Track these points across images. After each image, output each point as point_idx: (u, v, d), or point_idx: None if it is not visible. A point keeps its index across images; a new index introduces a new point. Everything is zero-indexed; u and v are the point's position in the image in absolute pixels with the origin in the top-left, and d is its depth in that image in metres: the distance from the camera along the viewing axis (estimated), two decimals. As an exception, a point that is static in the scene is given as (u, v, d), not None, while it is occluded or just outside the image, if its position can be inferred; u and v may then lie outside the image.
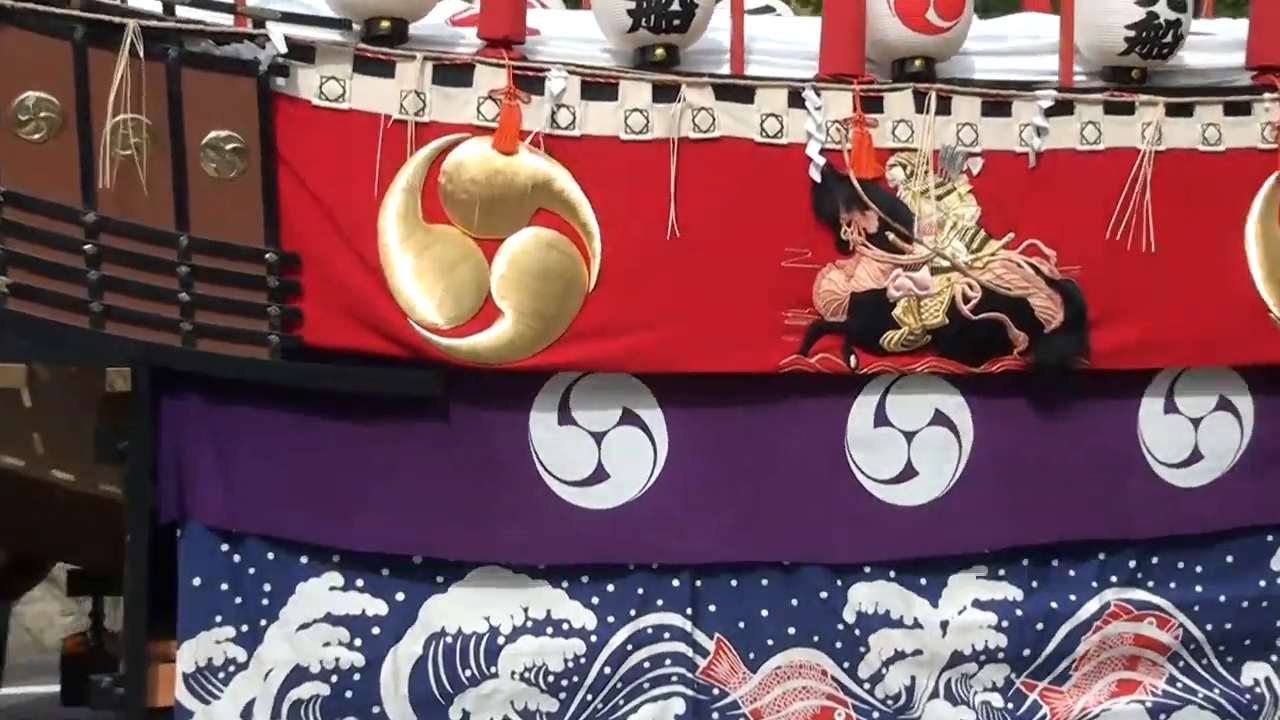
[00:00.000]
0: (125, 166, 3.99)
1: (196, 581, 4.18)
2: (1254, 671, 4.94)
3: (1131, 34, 4.58)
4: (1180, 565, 4.87)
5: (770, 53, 4.60)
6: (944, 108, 4.59)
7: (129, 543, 4.09)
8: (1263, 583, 4.93)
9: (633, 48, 4.42)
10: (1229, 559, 4.92)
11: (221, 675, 4.22)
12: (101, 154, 3.97)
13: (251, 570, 4.23)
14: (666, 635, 4.50)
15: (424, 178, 4.22)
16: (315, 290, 4.16)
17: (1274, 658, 4.97)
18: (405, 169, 4.20)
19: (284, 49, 4.05)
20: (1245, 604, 4.89)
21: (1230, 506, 4.87)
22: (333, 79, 4.16)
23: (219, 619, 4.21)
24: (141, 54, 3.94)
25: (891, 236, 4.54)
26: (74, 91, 3.97)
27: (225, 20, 4.10)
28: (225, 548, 4.22)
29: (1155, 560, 4.86)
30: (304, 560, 4.27)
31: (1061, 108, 4.68)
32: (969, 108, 4.63)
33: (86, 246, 4.00)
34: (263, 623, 4.24)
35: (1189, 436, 4.87)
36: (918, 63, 4.58)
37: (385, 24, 4.18)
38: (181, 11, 4.05)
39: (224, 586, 4.21)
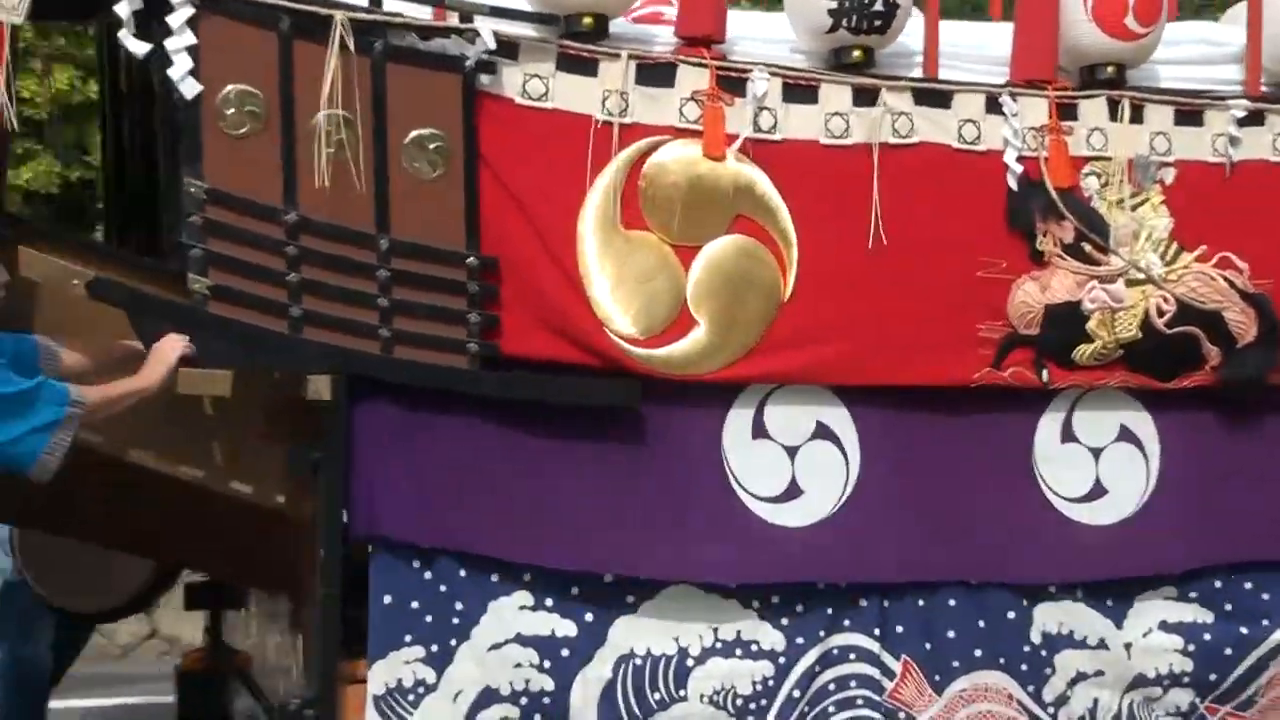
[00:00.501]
0: (327, 164, 3.81)
1: (387, 600, 4.02)
2: None
3: None
4: None
5: (958, 57, 4.47)
6: (1137, 116, 4.47)
7: (321, 559, 3.91)
8: None
9: (829, 49, 4.28)
10: None
11: (411, 697, 4.04)
12: (304, 151, 3.79)
13: (443, 588, 4.07)
14: (853, 656, 4.36)
15: (624, 181, 4.08)
16: (513, 296, 4.00)
17: None
18: (606, 172, 4.07)
19: (492, 44, 3.88)
20: None
21: None
22: (536, 76, 4.01)
23: (409, 638, 4.04)
24: (351, 47, 3.77)
25: (1087, 248, 4.41)
26: (278, 85, 3.80)
27: (429, 14, 3.91)
28: (417, 564, 4.05)
29: None
30: (495, 579, 4.11)
31: (1253, 118, 4.56)
32: (1161, 116, 4.52)
33: (288, 248, 3.83)
34: (453, 642, 4.07)
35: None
36: (1110, 69, 4.46)
37: (588, 20, 4.03)
38: (387, 4, 3.88)
39: (415, 605, 4.04)
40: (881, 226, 4.23)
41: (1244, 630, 4.62)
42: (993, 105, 4.36)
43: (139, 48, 3.76)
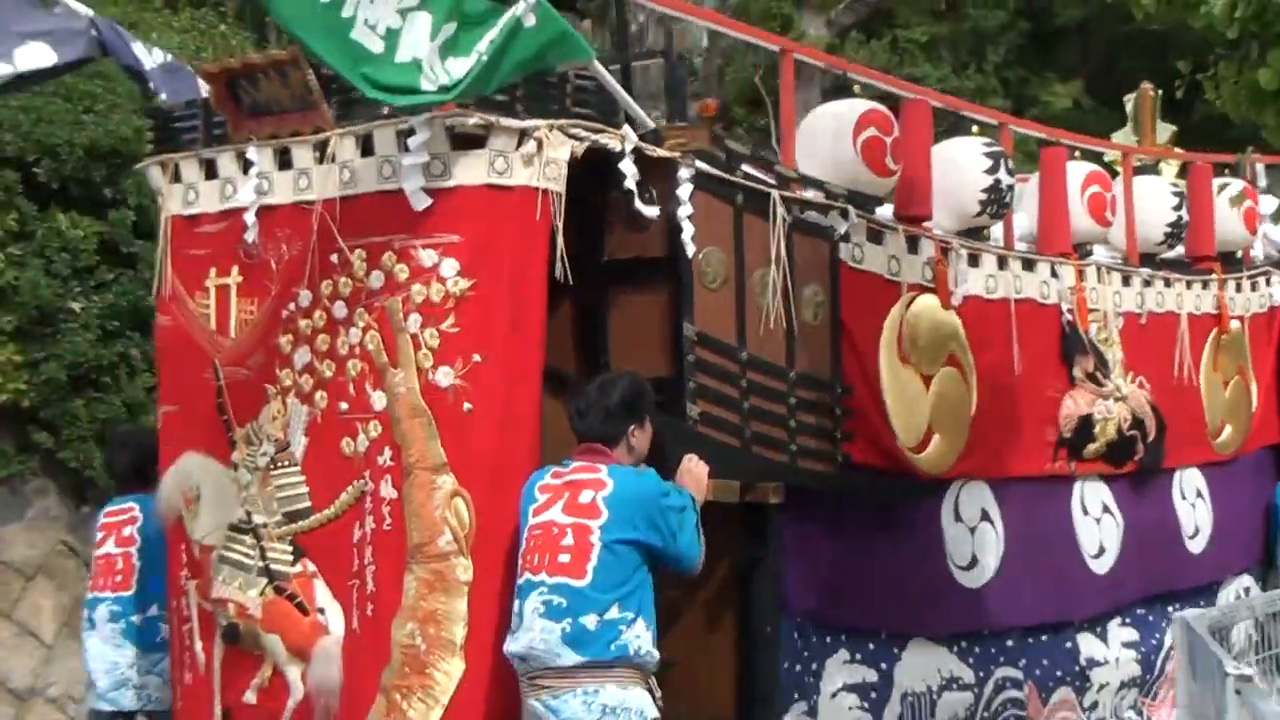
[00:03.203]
0: (761, 312, 4.78)
1: (785, 665, 4.92)
2: None
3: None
4: None
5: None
6: (1108, 279, 6.39)
7: (765, 634, 4.76)
8: None
9: (966, 227, 5.80)
10: None
11: (799, 746, 4.97)
12: (750, 301, 4.74)
13: (807, 653, 5.03)
14: (1008, 685, 5.79)
15: (898, 326, 5.34)
16: (855, 417, 5.14)
17: None
18: (890, 319, 5.31)
19: (855, 221, 5.04)
20: None
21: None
22: (858, 245, 5.20)
23: (796, 695, 4.96)
24: (780, 219, 4.79)
25: (1099, 374, 6.24)
26: (733, 247, 4.72)
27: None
28: (795, 634, 5.00)
29: None
30: (828, 639, 5.13)
31: (1146, 281, 6.62)
32: (1118, 278, 6.46)
33: (741, 381, 4.73)
34: (815, 698, 5.04)
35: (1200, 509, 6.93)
36: (1090, 247, 6.35)
37: (880, 206, 5.30)
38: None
39: (797, 668, 4.98)
40: (1016, 360, 5.79)
41: (1158, 638, 6.54)
42: (1052, 270, 6.07)
43: (651, 211, 4.53)
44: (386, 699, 4.47)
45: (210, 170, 4.95)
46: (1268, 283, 7.52)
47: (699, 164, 4.60)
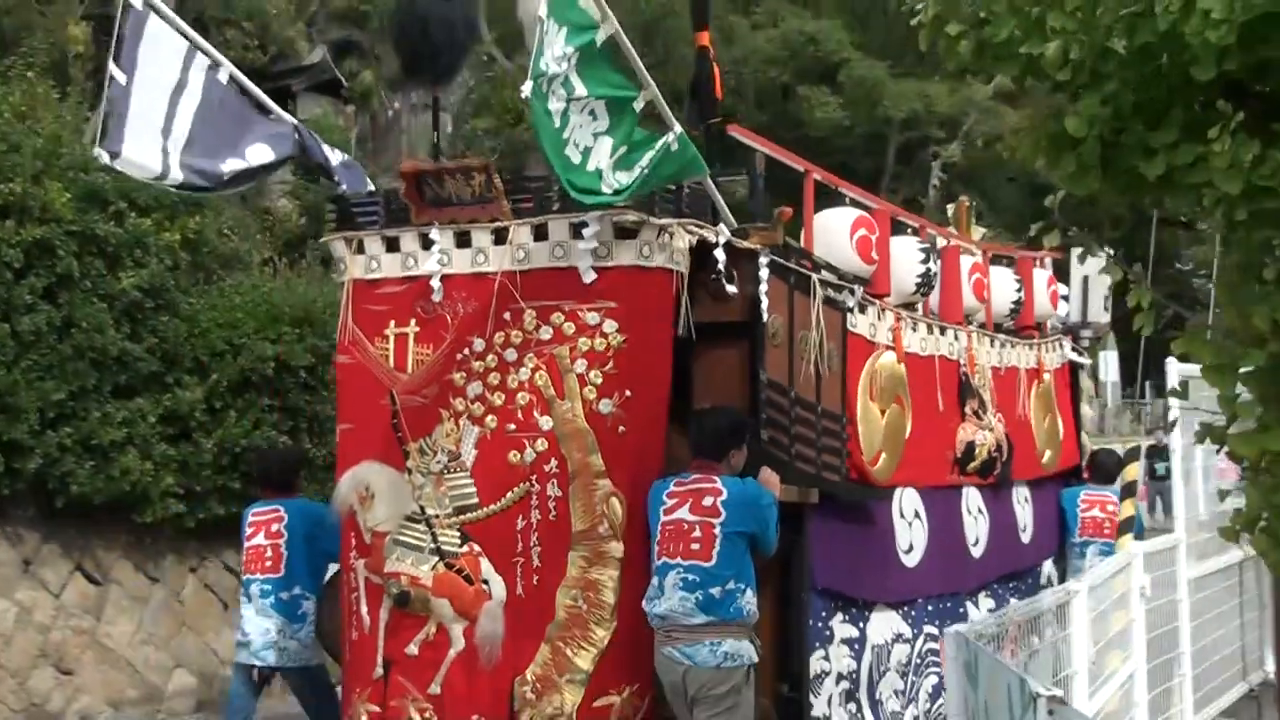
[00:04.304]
0: (803, 363, 6.63)
1: (810, 622, 6.75)
2: None
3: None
4: None
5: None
6: (983, 340, 8.50)
7: (799, 599, 6.58)
8: None
9: (905, 302, 7.78)
10: None
11: (818, 683, 6.78)
12: (796, 356, 6.58)
13: (824, 614, 6.87)
14: (929, 639, 7.78)
15: (871, 373, 7.27)
16: (849, 441, 7.03)
17: None
18: (866, 368, 7.22)
19: (860, 298, 6.94)
20: None
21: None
22: (852, 314, 7.09)
23: (816, 644, 6.79)
24: (815, 295, 6.64)
25: (980, 411, 8.33)
26: (788, 315, 6.54)
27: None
28: (817, 601, 6.82)
29: None
30: (833, 605, 6.98)
31: (1001, 343, 8.79)
32: (988, 340, 8.59)
33: (791, 413, 6.55)
34: (827, 647, 6.88)
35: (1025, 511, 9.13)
36: (971, 317, 8.46)
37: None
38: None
39: (818, 625, 6.81)
40: (939, 399, 7.80)
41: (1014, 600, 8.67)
42: (954, 335, 8.12)
43: (732, 288, 6.29)
44: (551, 646, 6.10)
45: (391, 245, 6.47)
46: (1061, 345, 9.83)
47: (772, 255, 6.38)
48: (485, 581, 6.29)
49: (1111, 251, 4.40)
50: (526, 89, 5.35)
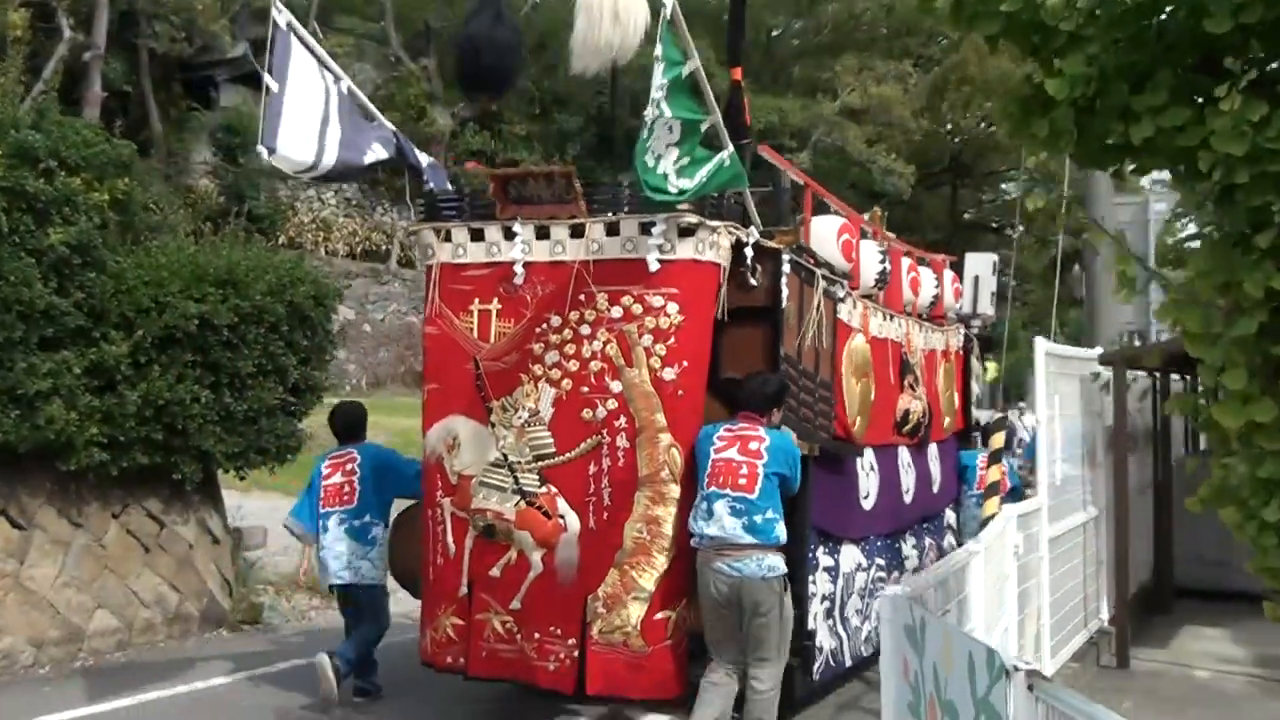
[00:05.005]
0: (808, 342, 8.15)
1: (807, 553, 8.26)
2: None
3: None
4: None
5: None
6: (915, 326, 10.16)
7: (802, 532, 8.11)
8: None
9: (866, 295, 9.37)
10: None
11: (810, 602, 8.30)
12: (804, 336, 8.10)
13: (815, 546, 8.39)
14: (878, 569, 9.38)
15: (849, 351, 8.82)
16: (835, 405, 8.57)
17: None
18: (846, 348, 8.78)
19: (846, 291, 8.49)
20: None
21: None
22: (841, 301, 8.63)
23: (811, 570, 8.31)
24: (818, 287, 8.17)
25: (914, 385, 9.99)
26: (798, 304, 8.04)
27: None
28: (812, 534, 8.34)
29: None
30: (821, 538, 8.51)
31: (925, 330, 10.48)
32: (917, 326, 10.25)
33: (800, 383, 8.06)
34: (816, 572, 8.40)
35: (935, 466, 10.85)
36: (909, 307, 10.12)
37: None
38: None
39: (811, 557, 8.32)
40: (891, 375, 9.42)
41: (929, 541, 10.38)
42: (897, 322, 9.73)
43: (756, 280, 7.76)
44: (619, 570, 7.50)
45: (475, 235, 7.77)
46: (960, 331, 11.58)
47: (791, 254, 7.87)
48: (562, 516, 7.63)
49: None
50: (647, 112, 6.79)
